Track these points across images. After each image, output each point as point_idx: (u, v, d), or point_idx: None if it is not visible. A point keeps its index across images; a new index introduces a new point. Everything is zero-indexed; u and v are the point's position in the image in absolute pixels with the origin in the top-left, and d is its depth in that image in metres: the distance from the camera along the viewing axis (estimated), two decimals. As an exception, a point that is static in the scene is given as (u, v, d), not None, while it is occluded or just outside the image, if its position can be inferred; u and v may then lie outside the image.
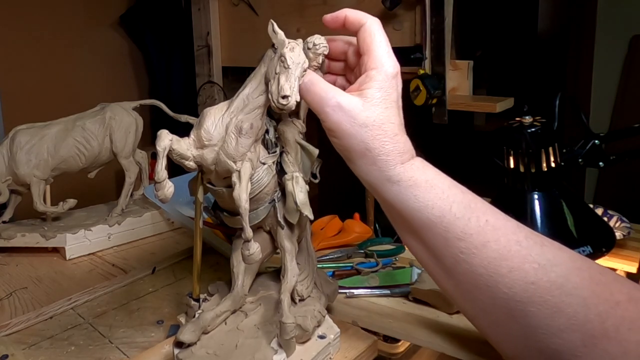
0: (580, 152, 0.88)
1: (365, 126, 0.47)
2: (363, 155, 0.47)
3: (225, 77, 1.66)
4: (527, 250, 0.45)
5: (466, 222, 0.46)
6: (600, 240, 0.84)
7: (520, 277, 0.44)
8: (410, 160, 0.48)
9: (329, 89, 0.48)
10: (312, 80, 0.49)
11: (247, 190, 0.50)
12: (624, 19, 1.98)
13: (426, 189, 0.47)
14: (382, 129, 0.47)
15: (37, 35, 1.58)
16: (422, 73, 1.14)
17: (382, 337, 0.73)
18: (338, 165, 0.56)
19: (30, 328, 0.67)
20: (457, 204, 0.47)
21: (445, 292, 0.52)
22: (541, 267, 0.44)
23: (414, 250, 0.51)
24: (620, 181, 1.86)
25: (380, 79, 0.48)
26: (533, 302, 0.44)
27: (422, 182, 0.48)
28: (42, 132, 0.87)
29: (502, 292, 0.45)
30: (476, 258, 0.46)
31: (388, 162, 0.47)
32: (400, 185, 0.47)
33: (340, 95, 0.47)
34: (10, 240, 0.87)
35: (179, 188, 0.51)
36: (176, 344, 0.53)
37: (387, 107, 0.47)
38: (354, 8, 0.51)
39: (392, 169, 0.47)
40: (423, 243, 0.49)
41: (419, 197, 0.47)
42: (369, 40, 0.49)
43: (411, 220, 0.48)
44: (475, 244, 0.46)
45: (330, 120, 0.47)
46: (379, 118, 0.47)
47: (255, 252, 0.52)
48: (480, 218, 0.47)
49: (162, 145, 0.49)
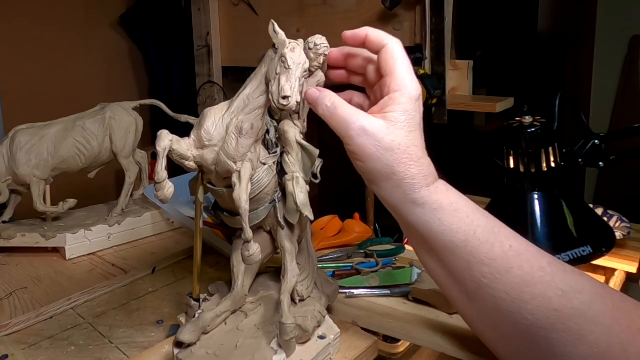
0: (580, 152, 0.88)
1: (391, 150, 0.46)
2: (388, 179, 0.47)
3: (225, 77, 1.66)
4: (550, 276, 0.45)
5: (490, 247, 0.46)
6: (600, 240, 0.84)
7: (543, 304, 0.44)
8: (435, 183, 0.48)
9: (352, 112, 0.47)
10: (335, 103, 0.48)
11: (247, 191, 0.50)
12: (624, 19, 1.98)
13: (451, 213, 0.47)
14: (408, 153, 0.47)
15: (37, 35, 1.58)
16: (422, 73, 1.14)
17: (382, 337, 0.73)
18: (338, 165, 0.56)
19: (30, 328, 0.67)
20: (482, 228, 0.47)
21: (465, 317, 0.51)
22: (565, 294, 0.44)
23: (434, 272, 0.51)
24: (620, 181, 1.86)
25: (404, 101, 0.47)
26: (556, 329, 0.43)
27: (447, 205, 0.47)
28: (42, 132, 0.87)
29: (524, 319, 0.44)
30: (499, 284, 0.45)
31: (413, 185, 0.47)
32: (424, 209, 0.47)
33: (365, 119, 0.47)
34: (10, 240, 0.87)
35: (179, 188, 0.51)
36: (176, 344, 0.53)
37: (411, 130, 0.47)
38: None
39: (417, 192, 0.47)
40: (444, 266, 0.49)
41: (443, 221, 0.47)
42: (392, 63, 0.48)
43: (434, 243, 0.48)
44: (499, 269, 0.45)
45: (354, 144, 0.47)
46: (404, 142, 0.47)
47: (255, 253, 0.52)
48: (504, 243, 0.46)
49: (162, 146, 0.49)
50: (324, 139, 0.53)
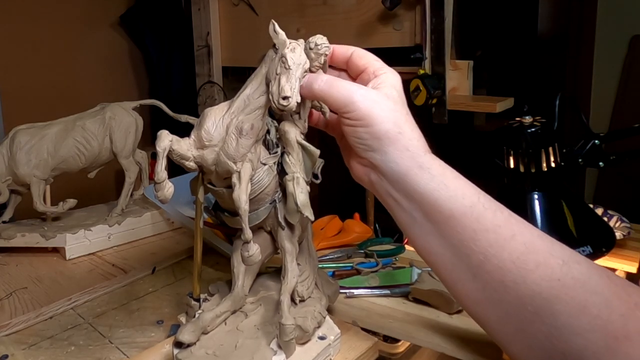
0: (580, 152, 0.88)
1: (396, 110, 0.48)
2: (395, 141, 0.47)
3: (225, 77, 1.66)
4: (550, 244, 0.45)
5: (493, 213, 0.46)
6: (600, 240, 0.84)
7: (546, 273, 0.44)
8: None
9: (349, 83, 0.49)
10: (328, 80, 0.49)
11: (246, 192, 0.50)
12: (624, 19, 1.98)
13: (454, 178, 0.47)
14: (409, 115, 0.49)
15: (37, 35, 1.58)
16: (422, 73, 1.14)
17: (382, 337, 0.73)
18: (338, 165, 0.56)
19: (30, 328, 0.67)
20: (482, 195, 0.47)
21: (466, 300, 0.49)
22: (565, 264, 0.44)
23: (437, 254, 0.48)
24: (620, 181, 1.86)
25: (392, 78, 0.50)
26: (560, 299, 0.43)
27: (449, 171, 0.47)
28: (42, 132, 0.87)
29: (529, 290, 0.44)
30: (505, 252, 0.45)
31: (419, 147, 0.47)
32: (431, 173, 0.47)
33: (364, 87, 0.49)
34: (10, 240, 0.87)
35: (179, 188, 0.51)
36: (175, 344, 0.53)
37: (403, 103, 0.50)
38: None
39: (422, 156, 0.47)
40: (449, 241, 0.47)
41: (449, 186, 0.46)
42: (368, 56, 0.52)
43: (440, 213, 0.46)
44: (504, 236, 0.45)
45: (361, 108, 0.47)
46: (402, 106, 0.49)
47: (255, 253, 0.52)
48: (503, 210, 0.47)
49: (162, 146, 0.49)
50: (324, 139, 0.53)
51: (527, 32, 1.61)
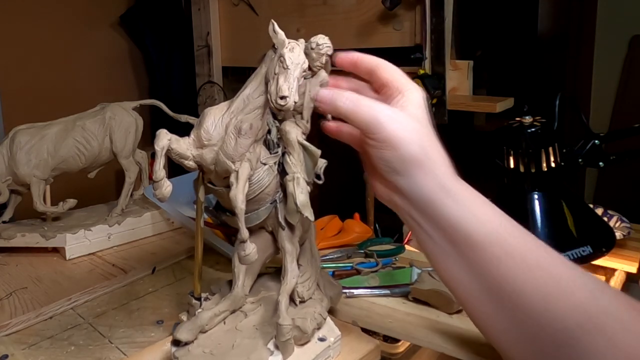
0: (580, 152, 0.88)
1: (422, 132, 0.46)
2: (420, 165, 0.45)
3: (225, 77, 1.66)
4: (573, 269, 0.44)
5: (518, 239, 0.45)
6: (600, 240, 0.84)
7: (575, 304, 0.42)
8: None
9: (374, 102, 0.47)
10: (353, 99, 0.48)
11: (243, 191, 0.50)
12: (624, 19, 1.98)
13: (481, 204, 0.46)
14: (435, 135, 0.47)
15: (37, 35, 1.58)
16: (422, 73, 1.14)
17: (382, 337, 0.73)
18: (338, 165, 0.55)
19: (30, 328, 0.67)
20: (507, 220, 0.46)
21: (492, 330, 0.47)
22: (592, 293, 0.42)
23: (457, 281, 0.47)
24: (620, 181, 1.86)
25: (419, 97, 0.48)
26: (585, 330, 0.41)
27: (475, 195, 0.46)
28: (42, 132, 0.87)
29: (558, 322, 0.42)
30: (534, 280, 0.43)
31: (445, 172, 0.46)
32: (456, 198, 0.45)
33: (389, 107, 0.47)
34: (10, 240, 0.87)
35: (178, 188, 0.51)
36: (173, 342, 0.53)
37: (428, 124, 0.48)
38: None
39: (447, 180, 0.46)
40: (473, 269, 0.46)
41: (475, 212, 0.45)
42: (390, 73, 0.50)
43: (467, 238, 0.45)
44: (531, 263, 0.44)
45: (387, 130, 0.45)
46: (428, 127, 0.47)
47: (251, 253, 0.52)
48: (526, 236, 0.45)
49: (160, 145, 0.49)
50: (324, 140, 0.53)
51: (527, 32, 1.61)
